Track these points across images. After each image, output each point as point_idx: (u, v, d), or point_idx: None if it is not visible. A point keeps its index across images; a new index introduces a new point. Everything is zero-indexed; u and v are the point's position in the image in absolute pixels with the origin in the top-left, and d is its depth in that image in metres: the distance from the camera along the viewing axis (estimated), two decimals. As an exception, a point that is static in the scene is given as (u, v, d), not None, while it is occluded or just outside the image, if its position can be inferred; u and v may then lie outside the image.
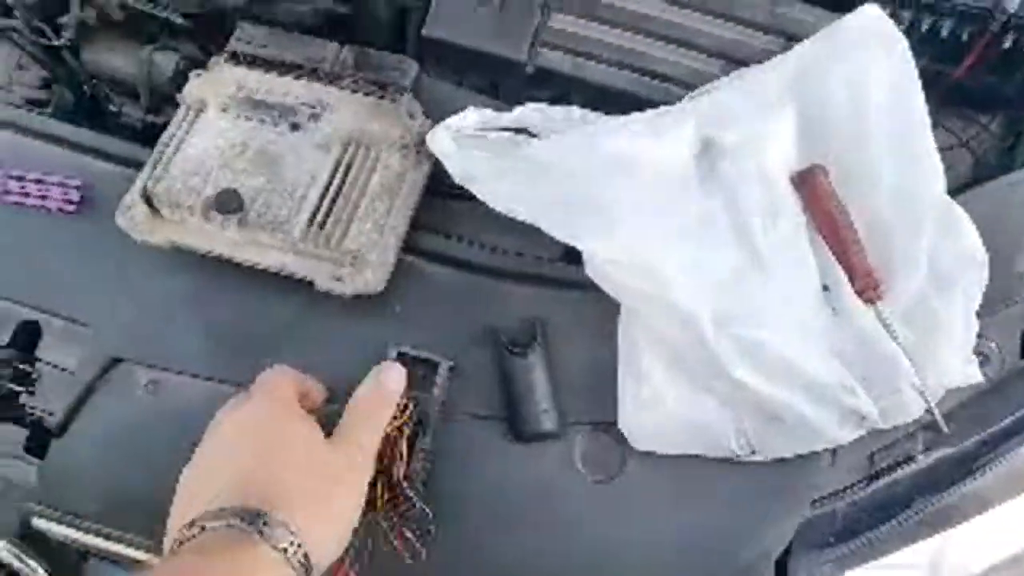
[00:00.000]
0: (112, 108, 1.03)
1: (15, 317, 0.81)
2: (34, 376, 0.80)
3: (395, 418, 0.68)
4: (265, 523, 0.52)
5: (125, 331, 0.79)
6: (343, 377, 0.71)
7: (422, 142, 0.75)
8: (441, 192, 0.77)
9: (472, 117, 0.77)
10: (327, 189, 0.72)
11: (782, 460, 0.71)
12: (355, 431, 0.63)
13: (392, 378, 0.66)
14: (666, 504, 0.72)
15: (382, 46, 0.83)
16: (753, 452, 0.70)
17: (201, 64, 0.86)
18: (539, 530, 0.72)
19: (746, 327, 0.65)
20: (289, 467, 0.57)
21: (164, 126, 1.01)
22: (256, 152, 0.73)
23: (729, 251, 0.69)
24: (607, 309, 0.74)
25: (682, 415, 0.69)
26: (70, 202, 0.82)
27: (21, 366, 0.80)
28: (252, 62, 0.79)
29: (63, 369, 0.80)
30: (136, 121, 1.03)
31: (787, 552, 0.72)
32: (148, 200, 0.72)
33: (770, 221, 0.70)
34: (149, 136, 0.83)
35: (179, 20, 0.94)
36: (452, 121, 0.76)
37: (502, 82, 0.89)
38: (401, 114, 0.76)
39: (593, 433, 0.74)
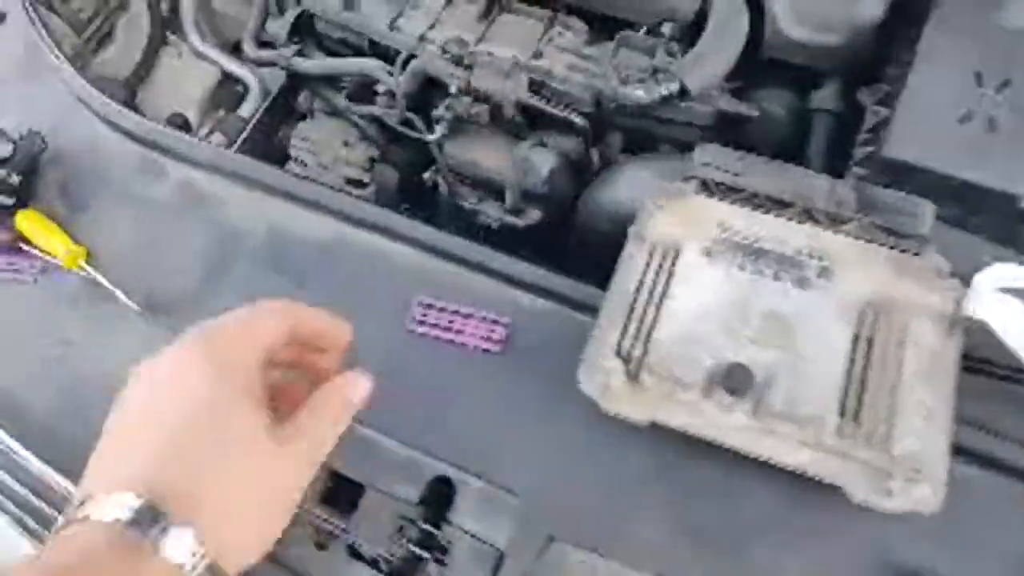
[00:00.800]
0: (467, 204, 0.94)
1: (427, 472, 0.71)
2: (443, 542, 0.70)
3: None
4: (164, 529, 0.42)
5: (562, 504, 0.67)
6: None
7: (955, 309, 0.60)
8: (974, 370, 0.62)
9: (1006, 272, 0.62)
10: (851, 370, 0.58)
11: None
12: (311, 423, 0.50)
13: (360, 392, 0.53)
14: None
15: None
16: None
17: (573, 165, 0.76)
18: None
19: None
20: (214, 459, 0.45)
21: (524, 229, 0.93)
22: (763, 316, 0.60)
23: None
24: None
25: None
26: (493, 340, 0.71)
27: (430, 528, 0.70)
28: (726, 193, 0.66)
29: (479, 539, 0.69)
30: (493, 220, 0.93)
31: None
32: (631, 366, 0.60)
33: None
34: (501, 238, 0.73)
35: (579, 121, 0.83)
36: (985, 278, 0.61)
37: (980, 216, 0.73)
38: (930, 273, 0.61)
39: None
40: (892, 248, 0.63)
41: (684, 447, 0.64)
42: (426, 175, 0.99)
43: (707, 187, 0.66)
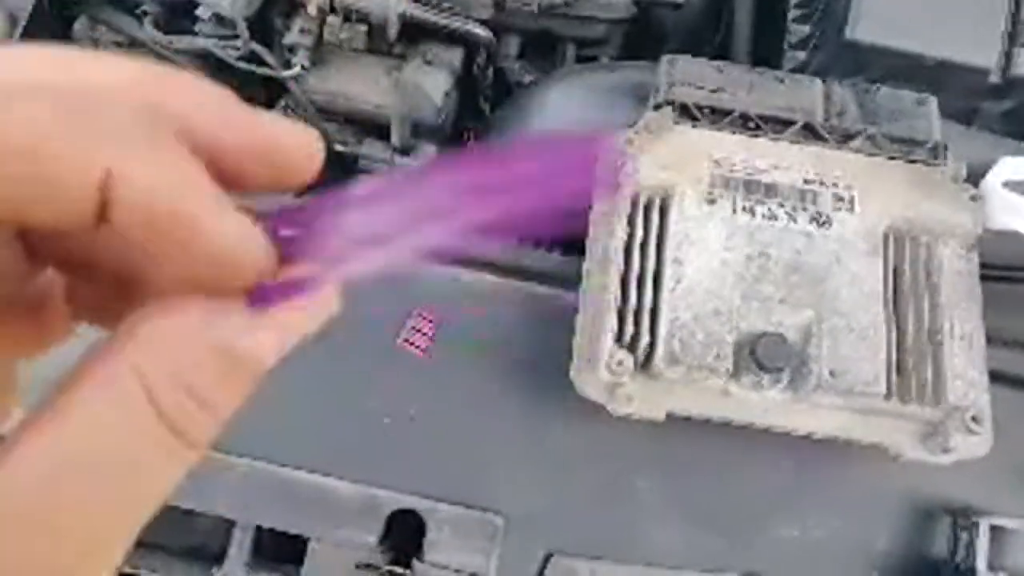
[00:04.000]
0: (343, 148, 0.76)
1: (384, 508, 0.57)
2: (419, 583, 0.57)
3: None
4: None
5: (554, 517, 0.56)
6: (870, 548, 0.55)
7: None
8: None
9: (1014, 167, 0.55)
10: (888, 316, 0.50)
11: None
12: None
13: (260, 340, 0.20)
14: None
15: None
16: None
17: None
18: None
19: None
20: None
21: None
22: (786, 269, 0.50)
23: None
24: None
25: None
26: (423, 335, 0.57)
27: (398, 569, 0.57)
28: (711, 118, 0.54)
29: (461, 572, 0.57)
30: (379, 164, 0.76)
31: None
32: (639, 354, 0.49)
33: None
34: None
35: (482, 32, 0.66)
36: (994, 180, 0.55)
37: (944, 96, 0.66)
38: (949, 185, 0.53)
39: None
40: (906, 160, 0.54)
41: (683, 427, 0.54)
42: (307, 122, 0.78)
43: (688, 113, 0.53)
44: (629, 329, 0.50)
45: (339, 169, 0.78)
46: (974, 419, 0.48)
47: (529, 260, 0.57)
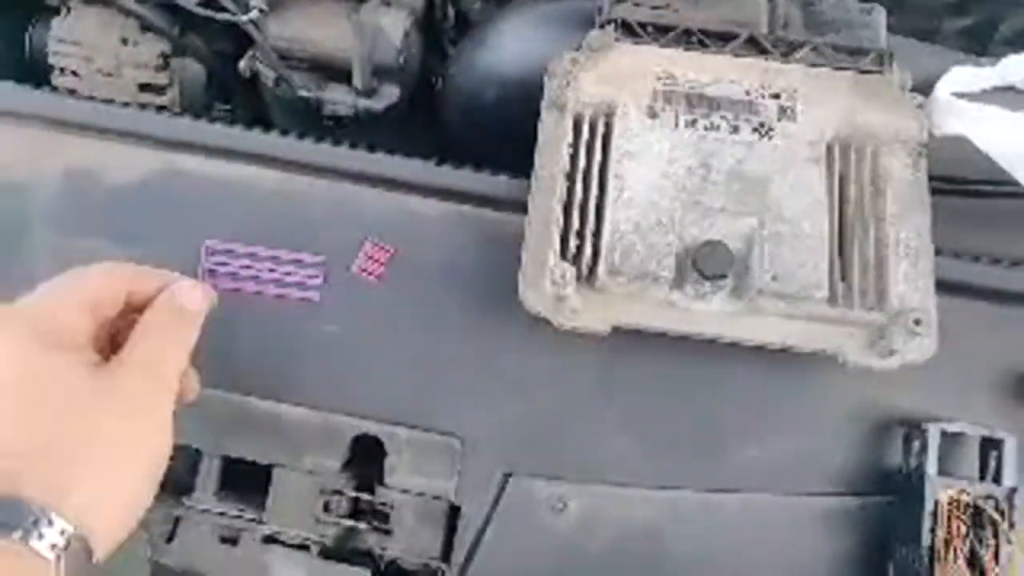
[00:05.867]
0: (306, 94, 0.76)
1: (345, 434, 0.58)
2: (379, 507, 0.59)
3: (964, 521, 0.50)
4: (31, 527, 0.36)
5: (511, 437, 0.57)
6: (828, 460, 0.56)
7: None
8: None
9: (964, 77, 0.55)
10: (832, 223, 0.50)
11: None
12: (143, 349, 0.45)
13: (191, 297, 0.48)
14: None
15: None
16: None
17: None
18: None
19: None
20: (39, 421, 0.40)
21: (385, 115, 0.77)
22: (728, 177, 0.50)
23: None
24: None
25: None
26: (376, 262, 0.58)
27: (358, 495, 0.59)
28: (655, 35, 0.54)
29: (423, 495, 0.58)
30: (344, 108, 0.76)
31: None
32: (582, 267, 0.49)
33: None
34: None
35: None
36: (945, 86, 0.54)
37: (901, 16, 0.65)
38: (895, 93, 0.53)
39: None
40: (851, 70, 0.54)
41: (639, 343, 0.54)
42: (241, 64, 0.79)
43: (631, 30, 0.53)
44: (573, 243, 0.50)
45: (306, 115, 0.78)
46: (916, 322, 0.48)
47: (480, 185, 0.57)
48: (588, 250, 0.49)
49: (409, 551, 0.58)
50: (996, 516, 0.50)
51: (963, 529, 0.50)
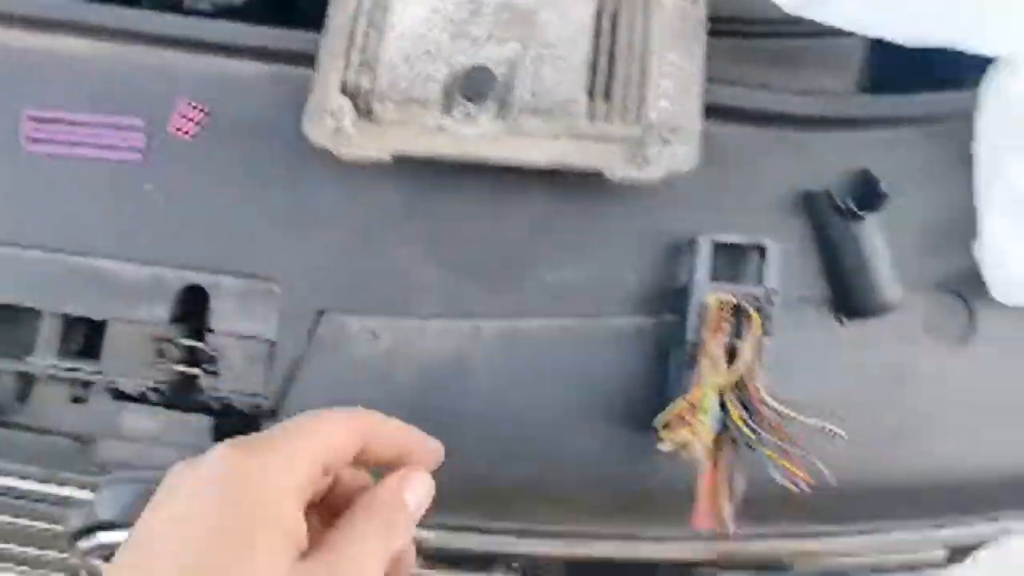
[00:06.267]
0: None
1: (170, 286, 0.61)
2: (210, 352, 0.62)
3: (733, 324, 0.54)
4: None
5: (323, 274, 0.61)
6: (621, 282, 0.59)
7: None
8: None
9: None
10: (598, 47, 0.53)
11: None
12: (348, 563, 0.38)
13: (422, 494, 0.43)
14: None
15: None
16: None
17: None
18: (883, 412, 0.61)
19: None
20: None
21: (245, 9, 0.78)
22: (497, 8, 0.53)
23: None
24: (943, 143, 0.60)
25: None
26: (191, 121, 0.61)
27: (190, 343, 0.62)
28: None
29: (248, 337, 0.62)
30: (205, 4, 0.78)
31: None
32: (360, 100, 0.52)
33: None
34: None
35: None
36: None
37: None
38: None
39: (936, 294, 0.62)
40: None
41: (435, 176, 0.58)
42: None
43: None
44: (352, 78, 0.53)
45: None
46: (671, 130, 0.52)
47: (293, 43, 0.60)
48: (365, 84, 0.53)
49: (237, 391, 0.61)
50: (753, 312, 0.54)
51: (726, 327, 0.55)
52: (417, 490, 0.42)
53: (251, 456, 0.37)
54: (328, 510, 0.41)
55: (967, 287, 0.61)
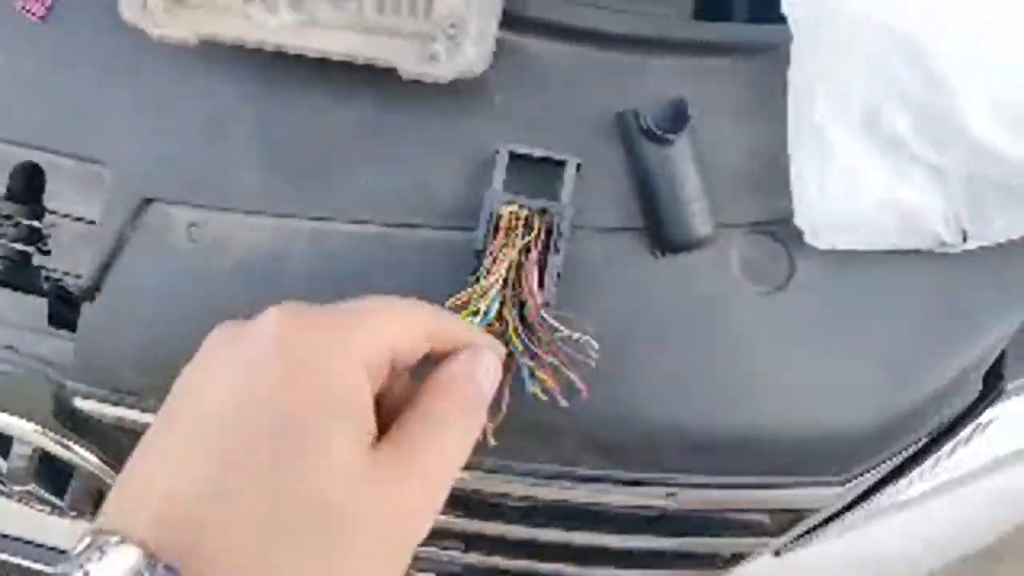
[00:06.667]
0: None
1: (7, 161, 0.64)
2: (45, 232, 0.65)
3: (521, 237, 0.54)
4: None
5: (153, 164, 0.62)
6: (436, 193, 0.59)
7: None
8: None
9: None
10: (397, -58, 0.55)
11: (995, 246, 0.57)
12: (430, 447, 0.33)
13: (492, 375, 0.39)
14: (848, 313, 0.59)
15: None
16: (964, 238, 0.56)
17: None
18: (691, 355, 0.59)
19: (990, 64, 0.49)
20: (284, 511, 0.29)
21: None
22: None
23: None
24: (764, 76, 0.59)
25: (879, 197, 0.55)
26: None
27: (26, 222, 0.65)
28: None
29: (80, 219, 0.64)
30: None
31: (1002, 358, 0.60)
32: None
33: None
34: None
35: None
36: None
37: None
38: None
39: (753, 236, 0.60)
40: None
41: (269, 70, 0.60)
42: None
43: None
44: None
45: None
46: (452, 26, 0.52)
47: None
48: (174, -36, 0.55)
49: (68, 272, 0.63)
50: (540, 226, 0.54)
51: (516, 240, 0.54)
52: (490, 371, 0.38)
53: (316, 330, 0.32)
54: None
55: (788, 229, 0.59)
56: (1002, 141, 0.50)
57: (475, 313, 0.53)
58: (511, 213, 0.55)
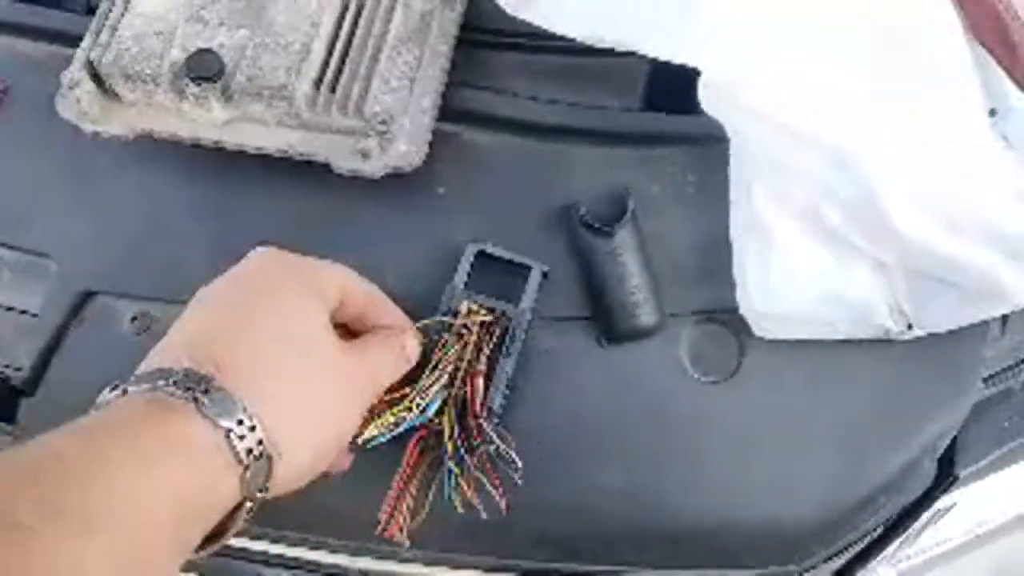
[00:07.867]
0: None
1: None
2: (-11, 327, 0.64)
3: (475, 334, 0.53)
4: (206, 390, 0.37)
5: (96, 256, 0.61)
6: (381, 285, 0.56)
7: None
8: (479, 43, 0.59)
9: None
10: (335, 39, 0.54)
11: (941, 335, 0.56)
12: (375, 350, 0.47)
13: (413, 349, 0.51)
14: (799, 401, 0.58)
15: None
16: (909, 327, 0.55)
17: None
18: (641, 445, 0.57)
19: (911, 165, 0.49)
20: (275, 338, 0.41)
21: None
22: (233, -4, 0.54)
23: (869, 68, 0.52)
24: (708, 166, 0.58)
25: (823, 289, 0.54)
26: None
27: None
28: None
29: (23, 312, 0.63)
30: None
31: (953, 445, 0.59)
32: (95, 75, 0.54)
33: (921, 27, 0.53)
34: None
35: None
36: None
37: None
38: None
39: (702, 324, 0.59)
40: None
41: (203, 161, 0.59)
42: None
43: None
44: (96, 54, 0.55)
45: None
46: (383, 122, 0.52)
47: (72, 24, 0.63)
48: (96, 59, 0.54)
49: (8, 365, 0.62)
50: (495, 327, 0.53)
51: (470, 338, 0.53)
52: (412, 345, 0.50)
53: (289, 256, 0.46)
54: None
55: (737, 318, 0.58)
56: (934, 237, 0.49)
57: (408, 409, 0.51)
58: (468, 309, 0.54)
